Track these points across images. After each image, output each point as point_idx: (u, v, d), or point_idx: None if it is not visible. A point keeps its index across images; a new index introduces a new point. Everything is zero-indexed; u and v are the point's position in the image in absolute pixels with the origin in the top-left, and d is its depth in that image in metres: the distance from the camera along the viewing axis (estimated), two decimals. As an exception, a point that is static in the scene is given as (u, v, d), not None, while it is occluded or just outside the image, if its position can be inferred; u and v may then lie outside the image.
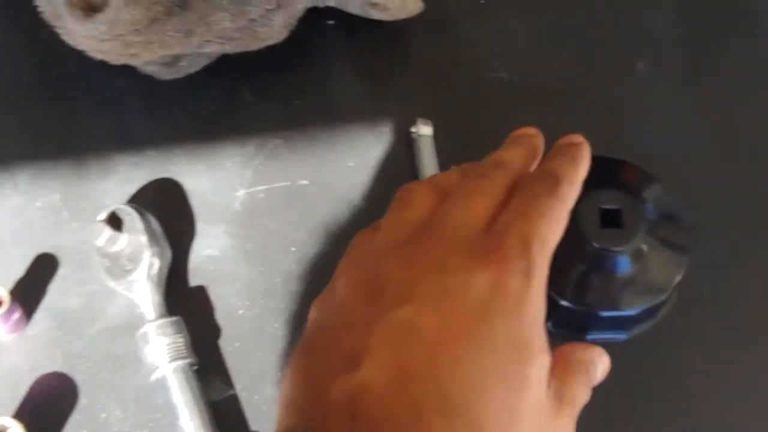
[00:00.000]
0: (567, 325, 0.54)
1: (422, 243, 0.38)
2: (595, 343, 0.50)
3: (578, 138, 0.46)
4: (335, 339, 0.38)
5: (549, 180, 0.40)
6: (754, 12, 0.66)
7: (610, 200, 0.51)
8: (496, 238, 0.37)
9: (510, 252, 0.36)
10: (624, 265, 0.51)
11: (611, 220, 0.51)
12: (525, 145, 0.46)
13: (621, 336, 0.54)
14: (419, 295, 0.36)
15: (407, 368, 0.34)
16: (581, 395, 0.39)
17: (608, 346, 0.52)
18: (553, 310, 0.53)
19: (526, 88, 0.62)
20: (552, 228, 0.39)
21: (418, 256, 0.38)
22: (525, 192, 0.40)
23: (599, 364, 0.41)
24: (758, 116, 0.62)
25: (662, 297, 0.52)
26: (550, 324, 0.54)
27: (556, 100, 0.62)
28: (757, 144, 0.61)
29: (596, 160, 0.55)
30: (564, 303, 0.52)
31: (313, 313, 0.42)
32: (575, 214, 0.50)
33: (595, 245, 0.50)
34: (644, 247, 0.51)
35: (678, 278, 0.52)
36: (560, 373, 0.38)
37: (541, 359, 0.36)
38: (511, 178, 0.41)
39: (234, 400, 0.52)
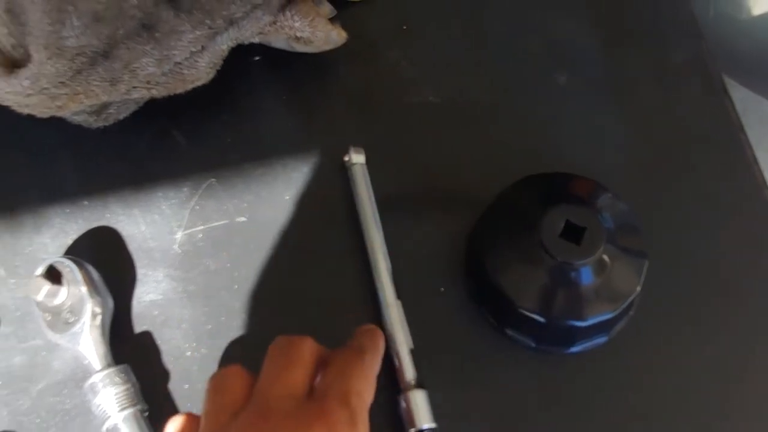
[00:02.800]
0: (550, 341, 0.56)
1: (252, 423, 0.41)
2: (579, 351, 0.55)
3: (371, 325, 0.51)
4: None
5: (356, 350, 0.47)
6: (664, 20, 0.68)
7: (572, 214, 0.52)
8: (320, 398, 0.42)
9: (333, 407, 0.41)
10: (588, 276, 0.53)
11: (572, 234, 0.52)
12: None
13: (602, 339, 0.56)
14: None
15: None
16: None
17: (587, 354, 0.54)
18: (534, 330, 0.55)
19: (453, 109, 0.63)
20: (365, 385, 0.44)
21: None
22: (337, 360, 0.45)
23: None
24: (674, 120, 0.64)
25: (630, 299, 0.54)
26: (533, 342, 0.56)
27: (483, 119, 0.63)
28: (676, 145, 0.63)
29: (560, 176, 0.57)
30: (545, 321, 0.53)
31: None
32: (540, 232, 0.52)
33: (560, 260, 0.52)
34: (605, 257, 0.53)
35: (641, 280, 0.54)
36: None
37: None
38: (316, 351, 0.46)
39: (188, 443, 0.52)
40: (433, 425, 0.52)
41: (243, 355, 0.55)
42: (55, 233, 0.58)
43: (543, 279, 0.53)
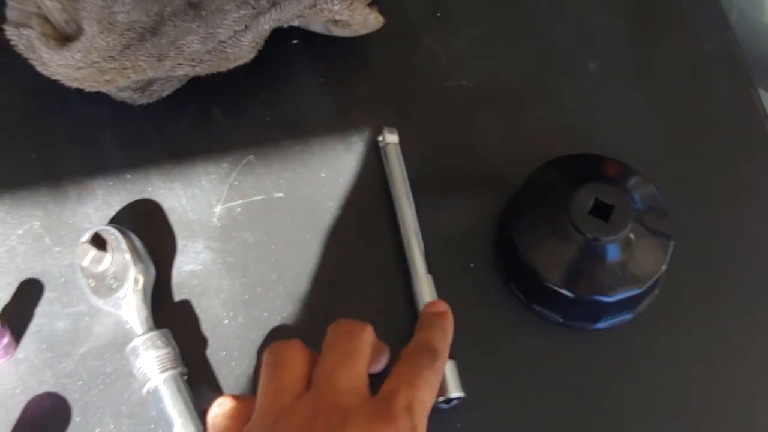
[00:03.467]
0: (577, 317, 0.57)
1: (316, 411, 0.42)
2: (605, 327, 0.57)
3: (442, 306, 0.53)
4: None
5: (429, 354, 0.48)
6: (693, 10, 0.69)
7: (601, 193, 0.54)
8: (387, 399, 0.43)
9: (400, 413, 0.42)
10: (615, 253, 0.54)
11: (601, 212, 0.54)
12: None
13: (628, 316, 0.57)
14: None
15: None
16: None
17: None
18: (562, 306, 0.56)
19: (485, 93, 0.65)
20: (431, 395, 0.46)
21: (316, 425, 0.42)
22: (410, 359, 0.47)
23: None
24: (702, 107, 0.65)
25: (655, 277, 0.55)
26: (561, 318, 0.57)
27: (514, 103, 0.65)
28: (703, 131, 0.64)
29: (590, 157, 0.59)
30: (573, 296, 0.54)
31: None
32: (570, 209, 0.54)
33: (588, 236, 0.53)
34: (632, 236, 0.54)
35: (667, 260, 0.55)
36: None
37: None
38: (375, 341, 0.48)
39: (225, 407, 0.54)
40: (461, 394, 0.53)
41: (279, 324, 0.56)
42: (99, 204, 0.60)
43: (572, 255, 0.55)
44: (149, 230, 0.59)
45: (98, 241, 0.55)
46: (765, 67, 1.19)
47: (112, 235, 0.55)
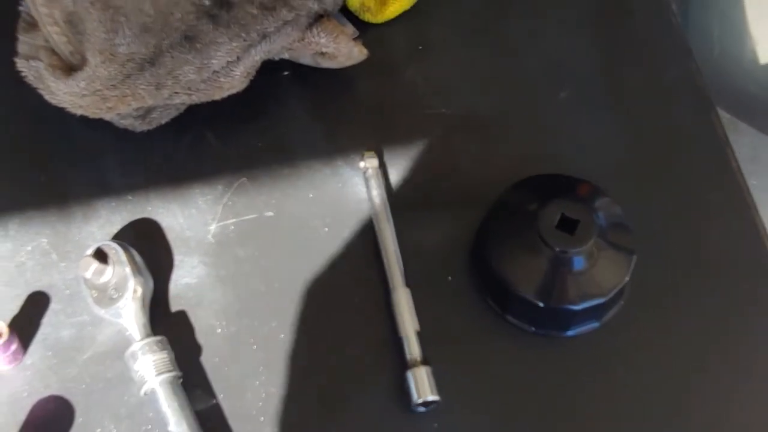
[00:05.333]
0: (547, 326, 0.61)
1: None
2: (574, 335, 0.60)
3: None
4: None
5: None
6: (657, 40, 0.74)
7: (567, 208, 0.58)
8: None
9: None
10: (580, 264, 0.58)
11: (567, 226, 0.58)
12: None
13: (595, 325, 0.61)
14: None
15: None
16: None
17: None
18: (533, 315, 0.60)
19: (462, 120, 0.70)
20: None
21: None
22: None
23: None
24: (666, 131, 0.70)
25: (618, 287, 0.59)
26: (532, 327, 0.61)
27: (490, 128, 0.69)
28: (667, 154, 0.69)
29: (558, 177, 0.63)
30: (542, 305, 0.59)
31: None
32: (538, 224, 0.58)
33: (556, 249, 0.58)
34: (597, 249, 0.59)
35: (629, 272, 0.60)
36: None
37: None
38: None
39: (217, 409, 0.58)
40: (436, 398, 0.57)
41: (268, 332, 0.60)
42: (102, 223, 0.64)
43: (541, 267, 0.59)
44: (149, 246, 0.63)
45: (101, 255, 0.59)
46: (748, 104, 1.21)
47: (113, 249, 0.60)
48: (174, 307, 0.62)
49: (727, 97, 1.15)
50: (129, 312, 0.58)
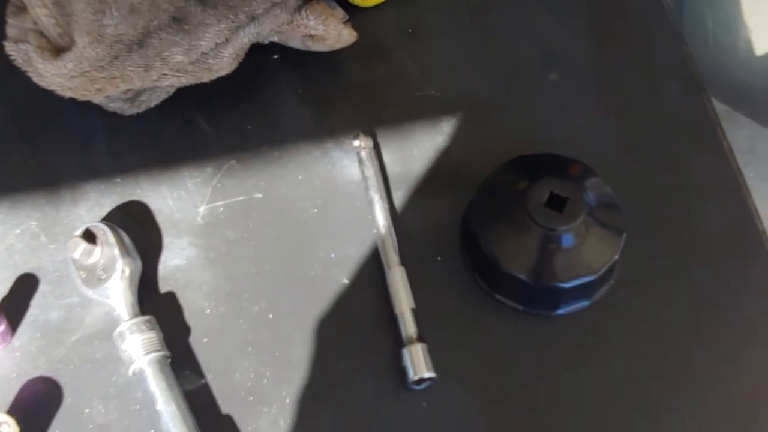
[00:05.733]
0: (537, 304, 0.61)
1: None
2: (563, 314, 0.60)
3: None
4: None
5: None
6: (649, 25, 0.74)
7: (556, 186, 0.59)
8: None
9: None
10: (569, 242, 0.58)
11: (556, 204, 0.58)
12: None
13: (585, 303, 0.61)
14: None
15: None
16: None
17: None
18: (521, 293, 0.60)
19: (453, 102, 0.70)
20: None
21: None
22: None
23: None
24: (656, 112, 0.70)
25: (607, 265, 0.59)
26: (520, 306, 0.61)
27: (481, 111, 0.69)
28: (657, 136, 0.69)
29: (548, 156, 0.63)
30: (532, 283, 0.59)
31: None
32: (527, 202, 0.58)
33: (544, 226, 0.58)
34: (586, 228, 0.59)
35: (619, 250, 0.60)
36: None
37: None
38: None
39: (206, 389, 0.58)
40: (432, 375, 0.57)
41: (257, 313, 0.60)
42: (91, 206, 0.64)
43: (530, 245, 0.59)
44: (138, 229, 0.63)
45: (89, 236, 0.59)
46: (745, 95, 1.21)
47: (102, 230, 0.59)
48: (163, 288, 0.62)
49: (723, 88, 1.15)
50: (117, 292, 0.58)
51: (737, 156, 0.68)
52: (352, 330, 0.60)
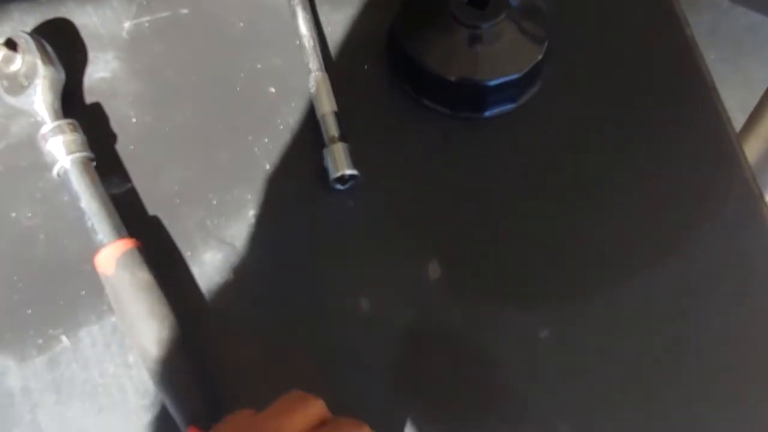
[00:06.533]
0: (463, 107, 0.61)
1: None
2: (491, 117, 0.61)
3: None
4: None
5: (355, 423, 0.47)
6: None
7: None
8: None
9: None
10: (492, 39, 0.59)
11: (480, 3, 0.59)
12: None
13: (511, 105, 0.62)
14: None
15: None
16: None
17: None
18: (448, 95, 0.61)
19: None
20: None
21: None
22: (335, 426, 0.47)
23: None
24: None
25: (531, 65, 0.60)
26: (448, 109, 0.61)
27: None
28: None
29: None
30: (456, 81, 0.59)
31: None
32: (449, 2, 0.58)
33: (466, 23, 0.58)
34: (509, 27, 0.59)
35: (542, 51, 0.60)
36: None
37: None
38: (322, 414, 0.47)
39: (132, 193, 0.58)
40: (354, 172, 0.57)
41: (183, 121, 0.61)
42: (15, 24, 0.63)
43: (454, 44, 0.59)
44: (62, 44, 0.62)
45: (11, 45, 0.59)
46: None
47: (23, 38, 0.59)
48: (88, 99, 0.61)
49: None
50: (39, 98, 0.57)
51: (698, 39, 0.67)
52: (278, 135, 0.60)
